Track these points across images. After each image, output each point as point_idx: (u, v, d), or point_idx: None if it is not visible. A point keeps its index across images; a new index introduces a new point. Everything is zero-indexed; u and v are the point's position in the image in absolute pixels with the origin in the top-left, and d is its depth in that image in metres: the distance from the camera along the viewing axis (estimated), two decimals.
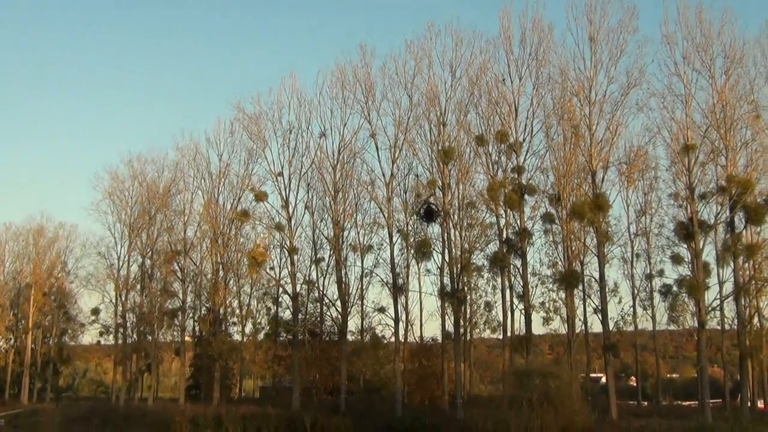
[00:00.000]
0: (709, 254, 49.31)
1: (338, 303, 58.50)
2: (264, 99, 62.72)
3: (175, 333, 73.00)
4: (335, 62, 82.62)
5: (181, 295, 70.30)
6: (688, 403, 70.43)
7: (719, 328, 55.16)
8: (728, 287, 48.70)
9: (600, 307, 49.32)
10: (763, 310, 58.36)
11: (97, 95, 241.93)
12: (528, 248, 51.54)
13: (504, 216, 53.07)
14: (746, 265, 51.31)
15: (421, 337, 63.50)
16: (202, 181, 70.30)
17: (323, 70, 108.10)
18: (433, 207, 52.86)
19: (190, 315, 71.88)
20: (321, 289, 61.32)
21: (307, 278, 62.49)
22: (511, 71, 51.97)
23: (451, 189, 53.49)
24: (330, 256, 60.32)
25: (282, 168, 60.64)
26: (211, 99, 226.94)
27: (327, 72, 73.05)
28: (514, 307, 53.76)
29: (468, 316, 57.91)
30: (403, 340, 58.05)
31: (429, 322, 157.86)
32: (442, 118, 53.57)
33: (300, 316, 61.30)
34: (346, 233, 59.36)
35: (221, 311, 69.08)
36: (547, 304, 54.41)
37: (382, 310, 58.31)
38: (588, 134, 49.11)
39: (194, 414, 57.42)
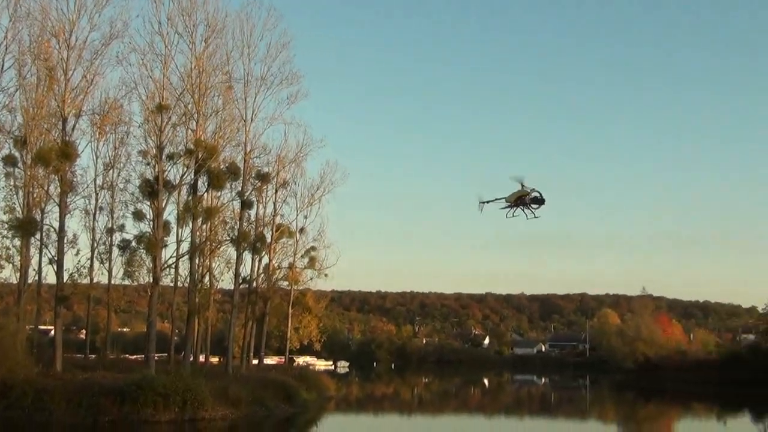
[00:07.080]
0: (171, 213, 51.18)
1: None
2: None
3: None
4: None
5: None
6: (135, 356, 72.47)
7: (173, 285, 57.48)
8: (185, 246, 51.04)
9: (56, 258, 48.31)
10: (214, 270, 62.82)
11: None
12: None
13: None
14: (204, 226, 54.49)
15: None
16: None
17: None
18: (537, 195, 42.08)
19: None
20: None
21: None
22: None
23: None
24: None
25: None
26: None
27: None
28: None
29: None
30: None
31: None
32: None
33: None
34: None
35: None
36: None
37: None
38: (63, 79, 47.69)
39: None
